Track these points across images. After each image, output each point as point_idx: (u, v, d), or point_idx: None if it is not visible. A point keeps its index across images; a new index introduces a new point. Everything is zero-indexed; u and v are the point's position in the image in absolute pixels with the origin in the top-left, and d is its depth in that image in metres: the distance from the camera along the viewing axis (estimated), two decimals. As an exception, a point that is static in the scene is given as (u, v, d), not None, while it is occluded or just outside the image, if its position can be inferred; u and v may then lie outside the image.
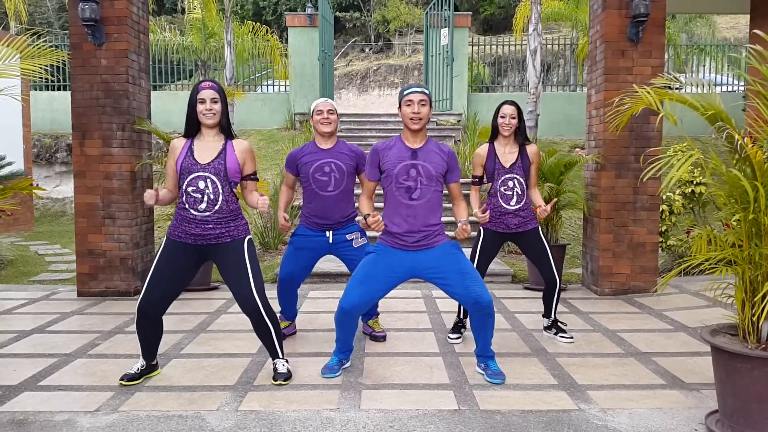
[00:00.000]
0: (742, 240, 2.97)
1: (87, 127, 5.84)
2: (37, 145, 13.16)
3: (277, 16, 23.34)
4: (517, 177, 4.27)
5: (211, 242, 3.45)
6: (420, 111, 3.44)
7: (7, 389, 3.47)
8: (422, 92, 3.46)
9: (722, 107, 2.96)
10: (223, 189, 3.40)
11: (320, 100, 4.23)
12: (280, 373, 3.56)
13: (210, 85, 3.42)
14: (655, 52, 5.80)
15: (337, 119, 4.24)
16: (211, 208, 3.40)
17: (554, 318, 4.48)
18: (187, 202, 3.41)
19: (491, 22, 24.56)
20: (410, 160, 3.49)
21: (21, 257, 8.31)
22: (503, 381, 3.54)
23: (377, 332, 4.42)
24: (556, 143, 11.51)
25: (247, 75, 15.08)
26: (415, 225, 3.47)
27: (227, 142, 3.48)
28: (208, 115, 3.41)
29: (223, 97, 3.46)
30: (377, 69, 22.34)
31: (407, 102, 3.45)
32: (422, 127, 3.48)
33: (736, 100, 11.30)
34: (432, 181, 3.48)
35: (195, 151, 3.43)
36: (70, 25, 5.82)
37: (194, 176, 3.38)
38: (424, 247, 3.50)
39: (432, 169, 3.48)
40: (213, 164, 3.40)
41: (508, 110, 4.28)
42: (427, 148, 3.54)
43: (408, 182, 3.47)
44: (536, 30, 9.71)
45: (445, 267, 3.48)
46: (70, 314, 5.21)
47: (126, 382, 3.52)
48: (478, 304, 3.43)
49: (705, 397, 3.35)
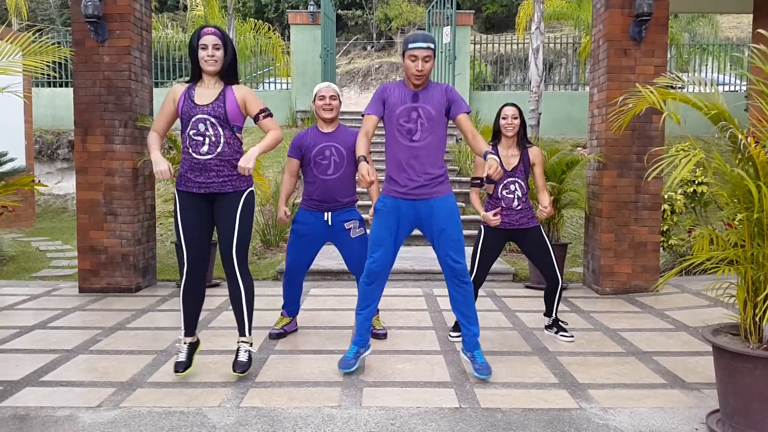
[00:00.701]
0: (745, 240, 2.96)
1: (89, 124, 5.84)
2: (38, 141, 13.17)
3: (280, 13, 23.33)
4: (518, 180, 4.27)
5: (215, 191, 3.43)
6: (423, 68, 3.43)
7: (9, 384, 3.47)
8: (427, 47, 3.43)
9: (725, 107, 2.96)
10: (224, 132, 3.39)
11: (323, 85, 4.23)
12: (239, 362, 3.52)
13: (213, 31, 3.37)
14: (658, 51, 5.79)
15: (339, 105, 4.24)
16: (213, 151, 3.38)
17: (555, 317, 4.48)
18: (190, 145, 3.40)
19: (493, 20, 24.54)
20: (411, 102, 3.51)
21: (22, 253, 8.32)
22: (489, 375, 3.53)
23: (378, 329, 4.42)
24: (558, 142, 11.50)
25: (249, 72, 15.08)
26: (417, 169, 3.49)
27: (226, 87, 3.46)
28: (209, 62, 3.37)
29: (225, 42, 3.41)
30: (379, 67, 22.33)
31: (411, 57, 3.43)
32: (424, 81, 3.50)
33: (738, 100, 11.29)
34: (432, 122, 3.50)
35: (194, 96, 3.42)
36: (73, 21, 5.83)
37: (195, 119, 3.37)
38: (426, 197, 3.53)
39: (432, 109, 3.50)
40: (212, 106, 3.38)
41: (510, 111, 4.29)
42: (428, 90, 3.55)
43: (409, 124, 3.50)
44: (539, 29, 9.70)
45: (436, 224, 3.53)
46: (72, 310, 5.22)
47: (183, 372, 3.51)
48: (451, 269, 3.54)
49: (706, 396, 3.35)
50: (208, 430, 2.90)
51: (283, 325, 4.45)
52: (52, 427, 2.93)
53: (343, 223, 4.24)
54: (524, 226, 4.28)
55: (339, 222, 4.24)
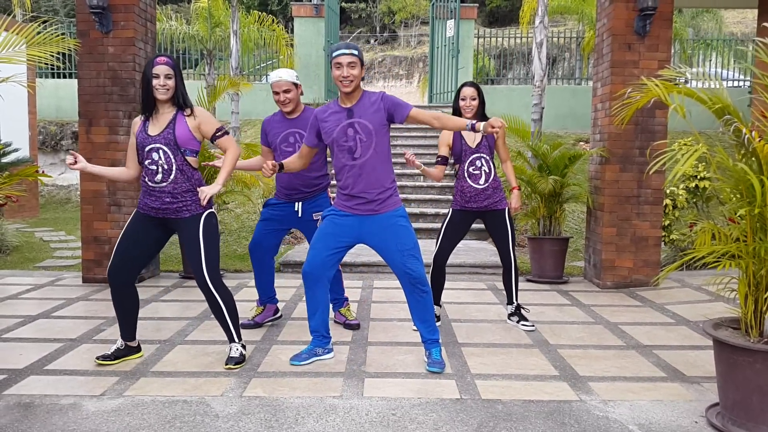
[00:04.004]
0: (747, 234, 2.97)
1: (93, 115, 5.86)
2: (42, 132, 13.19)
3: (283, 6, 23.28)
4: (484, 156, 4.32)
5: (171, 216, 3.52)
6: (349, 74, 3.43)
7: (13, 373, 3.50)
8: (350, 53, 3.43)
9: (730, 101, 2.96)
10: (176, 158, 3.46)
11: (274, 77, 4.13)
12: (231, 357, 3.62)
13: (165, 61, 3.46)
14: (662, 46, 5.78)
15: (299, 92, 4.17)
16: (166, 179, 3.46)
17: (517, 304, 4.51)
18: (146, 174, 3.50)
19: (497, 14, 24.47)
20: (346, 119, 3.49)
21: (26, 243, 8.35)
22: (441, 370, 3.55)
23: (350, 320, 4.43)
24: (560, 137, 11.48)
25: (253, 65, 15.07)
26: (361, 185, 3.49)
27: (177, 112, 3.51)
28: (161, 91, 3.44)
29: (177, 71, 3.50)
30: (382, 60, 22.30)
31: (336, 65, 3.44)
32: (354, 88, 3.47)
33: (742, 95, 11.27)
34: (371, 137, 3.48)
35: (149, 126, 3.50)
36: (78, 12, 5.83)
37: (148, 149, 3.46)
38: (372, 213, 3.53)
39: (369, 124, 3.48)
40: (162, 134, 3.46)
41: (468, 92, 4.31)
42: (362, 103, 3.52)
43: (348, 143, 3.48)
44: (542, 23, 9.68)
45: (387, 239, 3.53)
46: (76, 300, 5.24)
47: (101, 362, 3.59)
48: (408, 275, 3.51)
49: (706, 390, 3.36)
50: (211, 419, 2.92)
51: (255, 315, 4.47)
52: (56, 415, 2.96)
53: (312, 213, 4.25)
54: (492, 207, 4.36)
55: (308, 212, 4.26)
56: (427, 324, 3.64)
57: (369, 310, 4.97)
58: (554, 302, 5.35)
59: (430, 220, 8.45)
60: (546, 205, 6.30)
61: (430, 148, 10.51)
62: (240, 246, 7.71)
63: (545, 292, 5.78)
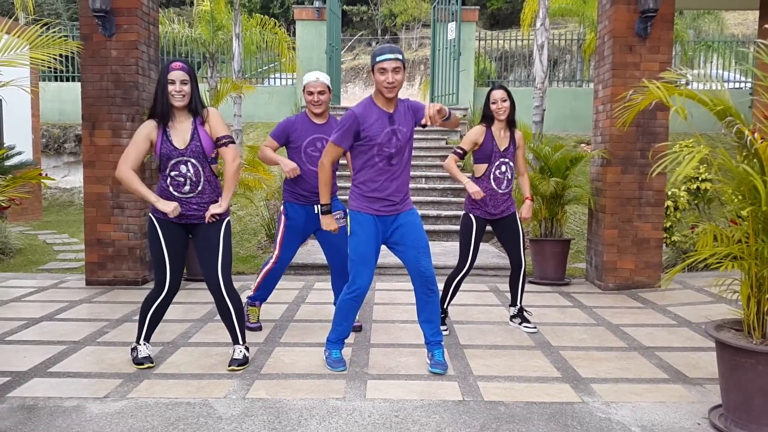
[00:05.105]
0: (749, 236, 2.98)
1: (97, 118, 5.88)
2: (45, 135, 13.23)
3: (285, 9, 23.33)
4: (509, 162, 4.33)
5: (195, 222, 3.55)
6: (395, 79, 3.37)
7: (17, 375, 3.51)
8: (395, 58, 3.35)
9: (731, 103, 2.97)
10: (204, 170, 3.48)
11: (311, 78, 4.13)
12: (235, 359, 3.63)
13: (180, 66, 3.40)
14: (663, 47, 5.79)
15: (330, 97, 4.17)
16: (194, 190, 3.49)
17: (520, 306, 4.51)
18: (171, 185, 3.49)
19: (498, 16, 24.50)
20: (389, 125, 3.46)
21: (29, 246, 8.37)
22: (444, 371, 3.56)
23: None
24: (561, 138, 11.50)
25: (255, 68, 15.09)
26: (392, 188, 3.50)
27: (195, 121, 3.48)
28: (177, 97, 3.40)
29: (193, 77, 3.45)
30: (384, 63, 22.24)
31: (380, 70, 3.36)
32: (397, 94, 3.46)
33: (743, 97, 11.26)
34: (407, 143, 3.52)
35: (171, 136, 3.45)
36: (81, 15, 5.85)
37: (175, 161, 3.45)
38: (395, 213, 3.55)
39: (407, 131, 3.50)
40: (191, 147, 3.44)
41: (498, 94, 4.28)
42: (398, 110, 3.51)
43: (390, 149, 3.46)
44: (543, 25, 9.69)
45: (406, 236, 3.54)
46: (79, 302, 5.26)
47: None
48: (423, 275, 3.53)
49: (708, 391, 3.37)
50: (214, 421, 2.93)
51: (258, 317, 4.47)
52: (60, 418, 2.96)
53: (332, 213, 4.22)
54: (506, 214, 4.37)
55: None
56: (432, 325, 3.65)
57: (371, 312, 4.97)
58: (556, 304, 5.35)
59: (431, 222, 8.46)
60: (548, 206, 6.30)
61: (430, 150, 10.54)
62: (242, 248, 7.72)
63: (547, 293, 5.78)
